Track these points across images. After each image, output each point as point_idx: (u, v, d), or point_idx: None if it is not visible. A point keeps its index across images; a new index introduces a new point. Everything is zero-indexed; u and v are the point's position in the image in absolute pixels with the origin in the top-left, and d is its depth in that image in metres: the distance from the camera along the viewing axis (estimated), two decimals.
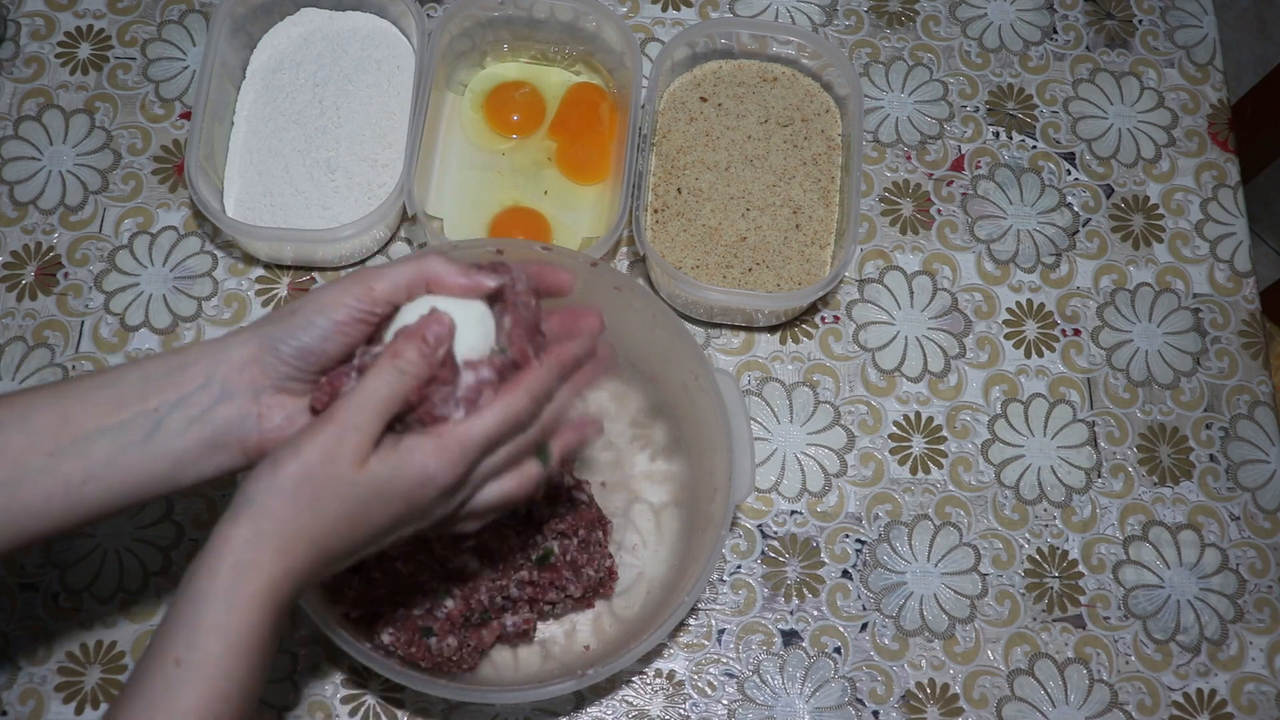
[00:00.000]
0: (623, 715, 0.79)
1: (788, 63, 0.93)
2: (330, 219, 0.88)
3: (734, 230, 0.88)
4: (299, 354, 0.57)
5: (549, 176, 0.91)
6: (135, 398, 0.56)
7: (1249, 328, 0.91)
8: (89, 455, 0.55)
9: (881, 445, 0.87)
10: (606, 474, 0.83)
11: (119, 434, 0.56)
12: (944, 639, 0.82)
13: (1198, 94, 0.98)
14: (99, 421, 0.55)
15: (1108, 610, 0.83)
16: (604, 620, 0.79)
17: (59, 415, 0.55)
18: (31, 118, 0.94)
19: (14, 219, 0.90)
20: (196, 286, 0.89)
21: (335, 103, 0.90)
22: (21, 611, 0.79)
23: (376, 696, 0.78)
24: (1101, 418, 0.88)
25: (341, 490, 0.53)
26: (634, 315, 0.80)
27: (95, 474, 0.56)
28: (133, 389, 0.56)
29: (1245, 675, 0.82)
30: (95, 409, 0.56)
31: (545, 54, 0.95)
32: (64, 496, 0.55)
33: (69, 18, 0.97)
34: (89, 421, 0.55)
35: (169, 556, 0.81)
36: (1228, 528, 0.85)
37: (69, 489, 0.55)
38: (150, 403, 0.56)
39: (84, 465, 0.55)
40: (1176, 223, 0.94)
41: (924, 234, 0.93)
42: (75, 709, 0.77)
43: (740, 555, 0.83)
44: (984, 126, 0.97)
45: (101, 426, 0.55)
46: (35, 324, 0.87)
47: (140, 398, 0.56)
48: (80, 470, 0.55)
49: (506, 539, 0.74)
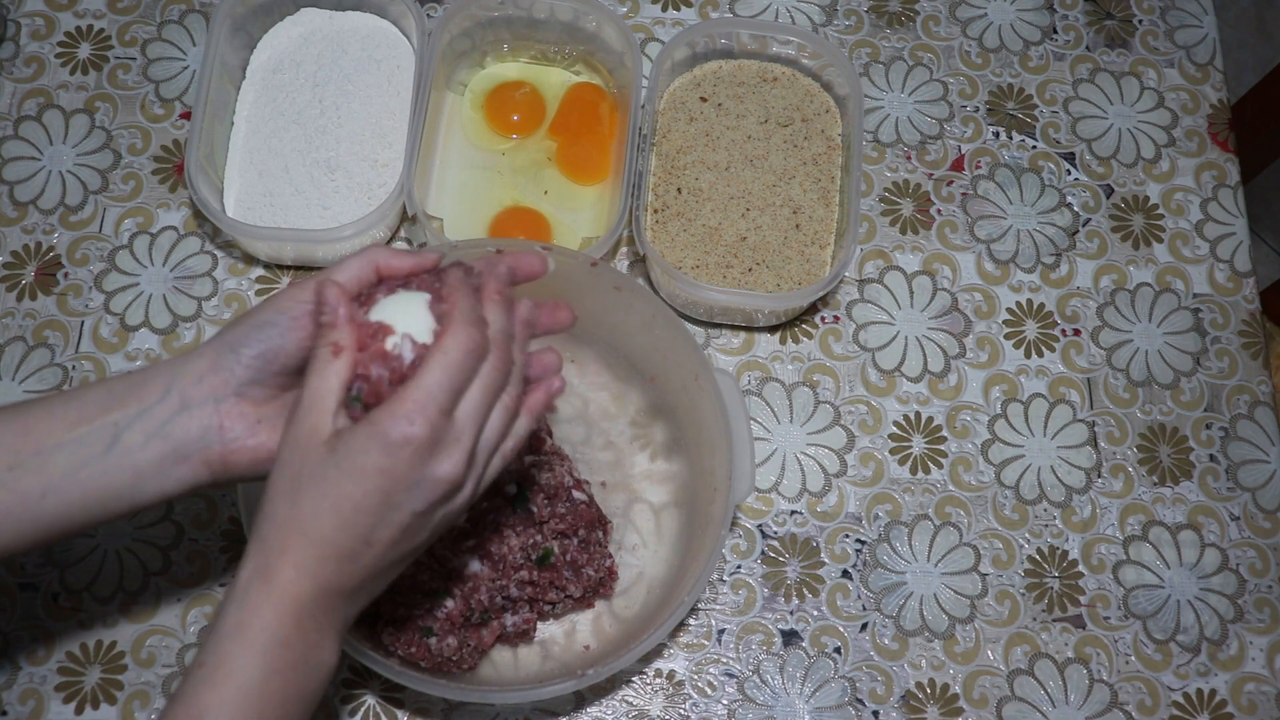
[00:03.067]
0: (623, 715, 0.79)
1: (788, 63, 0.93)
2: (330, 219, 0.88)
3: (734, 230, 0.88)
4: (259, 356, 0.57)
5: (549, 176, 0.91)
6: (96, 412, 0.56)
7: (1249, 328, 0.91)
8: (47, 469, 0.56)
9: (881, 445, 0.87)
10: (606, 474, 0.83)
11: (78, 448, 0.56)
12: (944, 639, 0.82)
13: (1198, 94, 0.99)
14: (59, 436, 0.56)
15: (1108, 610, 0.83)
16: (604, 620, 0.79)
17: (21, 430, 0.56)
18: (31, 118, 0.94)
19: (14, 219, 0.90)
20: (196, 286, 0.89)
21: (335, 103, 0.90)
22: (21, 611, 0.79)
23: (376, 696, 0.78)
24: (1101, 418, 0.88)
25: (315, 473, 0.53)
26: (634, 315, 0.80)
27: (54, 488, 0.56)
28: (94, 404, 0.57)
29: (1245, 675, 0.82)
30: (57, 423, 0.56)
31: (545, 54, 0.95)
32: (22, 510, 0.56)
33: (69, 18, 0.97)
34: (49, 436, 0.56)
35: (169, 556, 0.81)
36: (1228, 528, 0.85)
37: (27, 503, 0.56)
38: (110, 416, 0.56)
39: (43, 480, 0.56)
40: (1176, 223, 0.94)
41: (924, 234, 0.93)
42: (75, 709, 0.77)
43: (740, 555, 0.83)
44: (984, 126, 0.97)
45: (60, 441, 0.56)
46: (35, 324, 0.87)
47: (101, 412, 0.56)
48: (39, 484, 0.56)
49: (506, 539, 0.74)
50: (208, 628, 0.54)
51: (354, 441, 0.53)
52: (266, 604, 0.53)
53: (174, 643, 0.79)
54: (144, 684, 0.78)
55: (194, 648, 0.79)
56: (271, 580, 0.53)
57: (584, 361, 0.86)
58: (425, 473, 0.54)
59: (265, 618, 0.53)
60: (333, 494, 0.53)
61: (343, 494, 0.53)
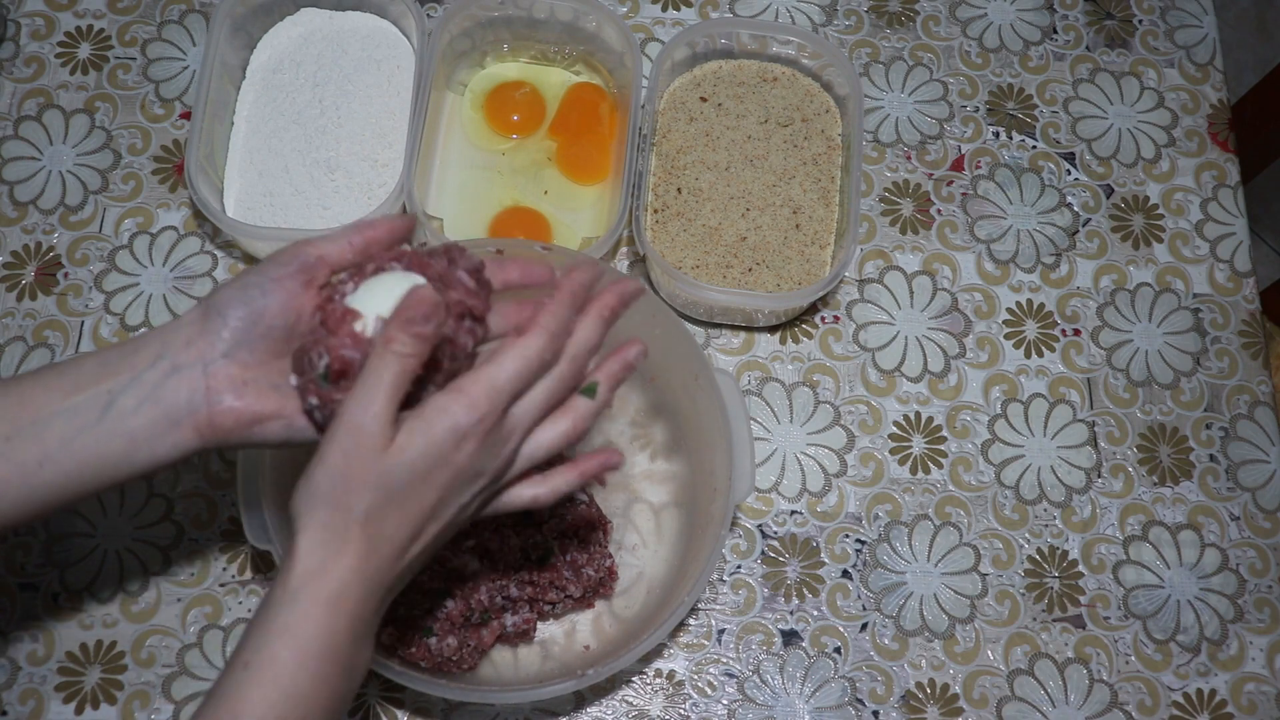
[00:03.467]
0: (623, 715, 0.79)
1: (788, 63, 0.93)
2: (330, 219, 0.88)
3: (734, 230, 0.88)
4: (243, 318, 0.57)
5: (549, 176, 0.91)
6: (90, 380, 0.57)
7: (1249, 328, 0.91)
8: (44, 438, 0.56)
9: (881, 445, 0.87)
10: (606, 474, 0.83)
11: (73, 415, 0.56)
12: (944, 639, 0.82)
13: (1198, 94, 0.98)
14: (55, 405, 0.56)
15: (1108, 610, 0.83)
16: (604, 620, 0.79)
17: (17, 401, 0.56)
18: (31, 118, 0.94)
19: (14, 219, 0.90)
20: (196, 286, 0.89)
21: (335, 103, 0.90)
22: (21, 611, 0.79)
23: (376, 696, 0.79)
24: (1101, 418, 0.88)
25: (372, 478, 0.53)
26: (634, 315, 0.80)
27: (51, 456, 0.56)
28: (89, 372, 0.57)
29: (1245, 675, 0.82)
30: (53, 393, 0.56)
31: (545, 54, 0.95)
32: (21, 480, 0.56)
33: (69, 18, 0.97)
34: (45, 406, 0.56)
35: (169, 556, 0.81)
36: (1228, 528, 0.85)
37: (26, 473, 0.56)
38: (104, 384, 0.56)
39: (40, 449, 0.56)
40: (1176, 223, 0.94)
41: (924, 234, 0.93)
42: (75, 709, 0.77)
43: (740, 555, 0.83)
44: (984, 126, 0.97)
45: (56, 410, 0.56)
46: (35, 324, 0.87)
47: (95, 379, 0.57)
48: (36, 453, 0.56)
49: (506, 539, 0.74)
50: (254, 621, 0.54)
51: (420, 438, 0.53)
52: (319, 607, 0.53)
53: (174, 643, 0.79)
54: (144, 684, 0.78)
55: (194, 648, 0.79)
56: (326, 582, 0.53)
57: None
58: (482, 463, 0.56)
59: (319, 622, 0.52)
60: (397, 492, 0.54)
61: (413, 490, 0.54)
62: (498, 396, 0.55)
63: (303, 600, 0.53)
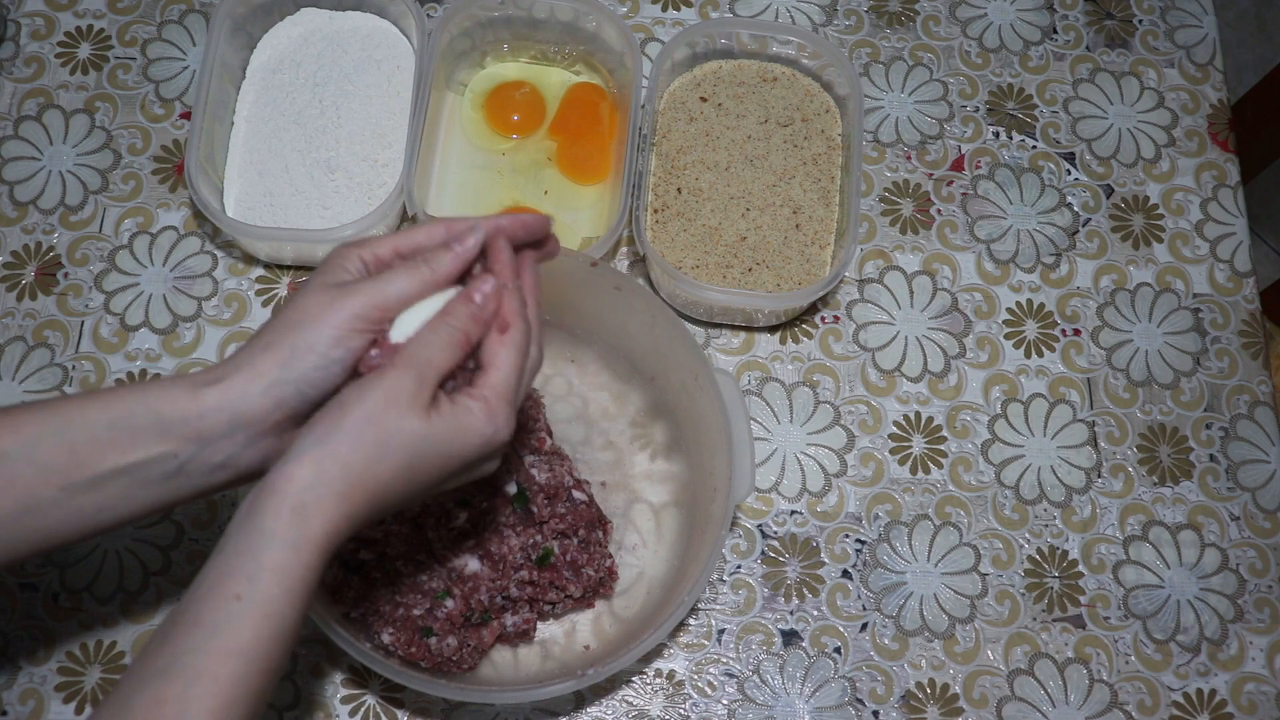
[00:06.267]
0: (623, 715, 0.79)
1: (788, 63, 0.93)
2: (330, 219, 0.88)
3: (734, 230, 0.88)
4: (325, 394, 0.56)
5: (549, 176, 0.92)
6: (150, 438, 0.55)
7: (1249, 328, 0.91)
8: (104, 491, 0.56)
9: (881, 445, 0.87)
10: (606, 474, 0.83)
11: (136, 473, 0.56)
12: (944, 639, 0.82)
13: (1198, 94, 0.98)
14: (113, 461, 0.55)
15: (1108, 610, 0.83)
16: (604, 620, 0.79)
17: (67, 452, 0.55)
18: (31, 118, 0.94)
19: (14, 219, 0.90)
20: (196, 286, 0.89)
21: (335, 103, 0.90)
22: (21, 611, 0.79)
23: (376, 696, 0.78)
24: (1101, 418, 0.88)
25: (404, 439, 0.54)
26: (634, 315, 0.80)
27: (110, 506, 0.56)
28: (146, 430, 0.55)
29: (1245, 675, 0.82)
30: (107, 449, 0.55)
31: (545, 54, 0.95)
32: (78, 523, 0.56)
33: (69, 18, 0.97)
34: (102, 462, 0.55)
35: (169, 556, 0.81)
36: (1228, 528, 0.85)
37: (83, 518, 0.56)
38: (168, 445, 0.55)
39: (99, 500, 0.56)
40: (1176, 223, 0.94)
41: (924, 234, 0.93)
42: (75, 709, 0.77)
43: (740, 555, 0.83)
44: (984, 126, 0.97)
45: (117, 467, 0.55)
46: (35, 324, 0.87)
47: (157, 439, 0.55)
48: (94, 504, 0.56)
49: (506, 539, 0.74)
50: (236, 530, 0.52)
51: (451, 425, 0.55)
52: (313, 550, 0.52)
53: None
54: None
55: None
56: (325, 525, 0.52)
57: (584, 361, 0.86)
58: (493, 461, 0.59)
59: (309, 564, 0.52)
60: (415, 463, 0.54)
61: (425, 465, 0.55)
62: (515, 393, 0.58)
63: (301, 541, 0.52)
